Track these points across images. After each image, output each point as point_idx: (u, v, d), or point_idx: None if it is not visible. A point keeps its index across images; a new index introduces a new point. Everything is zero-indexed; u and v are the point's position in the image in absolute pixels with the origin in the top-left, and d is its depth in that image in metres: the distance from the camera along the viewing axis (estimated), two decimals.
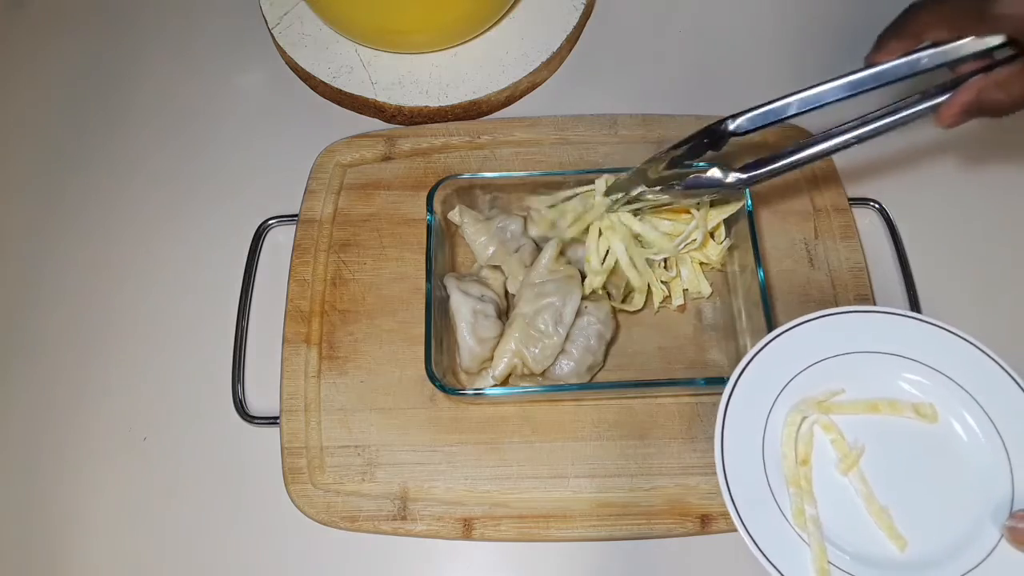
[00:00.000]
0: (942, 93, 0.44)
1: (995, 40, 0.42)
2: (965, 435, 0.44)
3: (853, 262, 0.59)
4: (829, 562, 0.40)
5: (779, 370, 0.45)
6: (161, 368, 0.60)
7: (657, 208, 0.54)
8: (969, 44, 0.43)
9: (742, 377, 0.45)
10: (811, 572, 0.40)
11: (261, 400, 0.58)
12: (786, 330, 0.46)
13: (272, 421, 0.56)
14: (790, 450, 0.43)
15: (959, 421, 0.44)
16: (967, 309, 0.59)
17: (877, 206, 0.62)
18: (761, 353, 0.45)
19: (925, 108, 0.44)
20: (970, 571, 0.40)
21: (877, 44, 0.46)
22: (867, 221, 0.62)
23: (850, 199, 0.61)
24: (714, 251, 0.56)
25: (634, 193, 0.51)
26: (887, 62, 0.45)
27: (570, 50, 0.72)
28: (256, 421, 0.56)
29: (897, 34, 0.45)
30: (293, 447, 0.54)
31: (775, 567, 0.40)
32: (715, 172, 0.48)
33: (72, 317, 0.62)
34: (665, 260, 0.56)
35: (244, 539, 0.55)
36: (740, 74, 0.71)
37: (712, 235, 0.57)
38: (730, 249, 0.57)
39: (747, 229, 0.54)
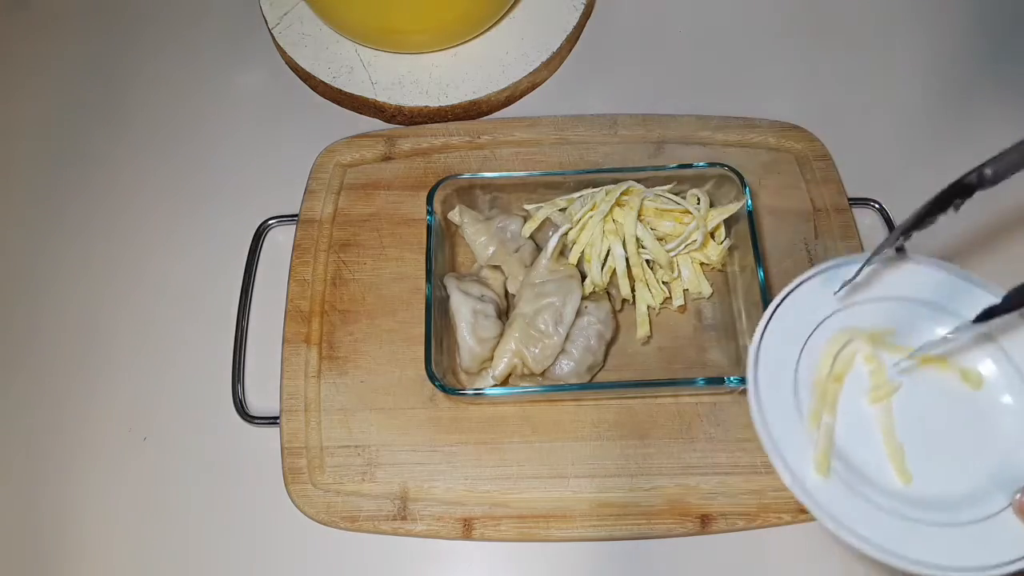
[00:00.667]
0: None
1: None
2: (1000, 406, 0.43)
3: None
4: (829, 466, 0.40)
5: (815, 309, 0.45)
6: (161, 368, 0.60)
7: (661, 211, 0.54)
8: None
9: (807, 282, 0.44)
10: (809, 464, 0.40)
11: (261, 400, 0.58)
12: (866, 261, 0.45)
13: (272, 421, 0.56)
14: (826, 364, 0.43)
15: (998, 392, 0.44)
16: None
17: (877, 206, 0.62)
18: (832, 270, 0.45)
19: None
20: (961, 525, 0.40)
21: None
22: (867, 221, 0.62)
23: (850, 199, 0.61)
24: (714, 251, 0.56)
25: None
26: None
27: (570, 50, 0.72)
28: (256, 421, 0.56)
29: None
30: (293, 447, 0.54)
31: (775, 444, 0.40)
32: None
33: (72, 317, 0.62)
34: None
35: (244, 539, 0.55)
36: (741, 74, 0.71)
37: (712, 235, 0.57)
38: (730, 249, 0.57)
39: (747, 229, 0.54)
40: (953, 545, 0.39)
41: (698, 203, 0.55)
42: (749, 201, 0.54)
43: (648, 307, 0.56)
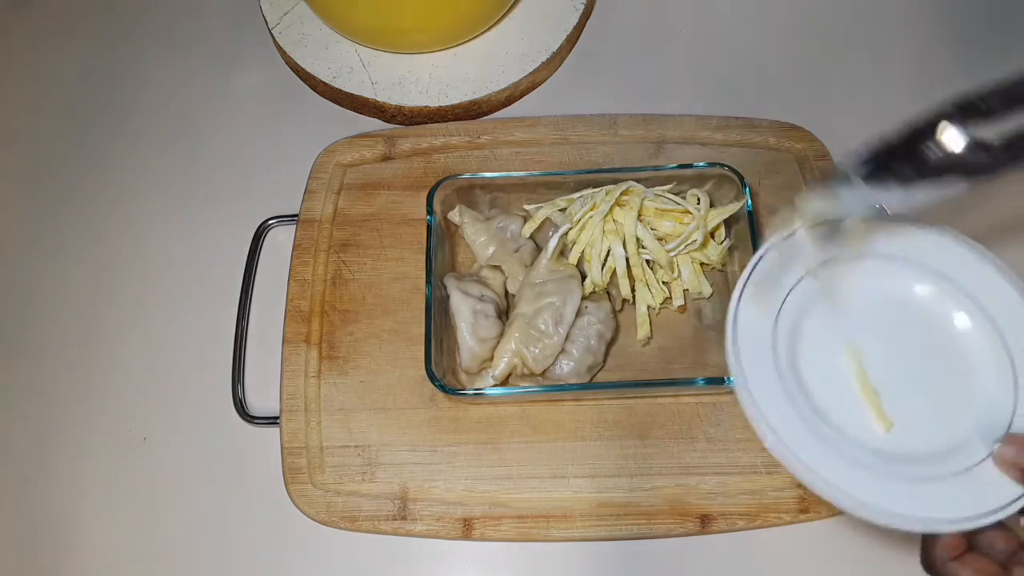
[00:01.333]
0: None
1: None
2: (974, 357, 0.44)
3: None
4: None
5: (792, 267, 0.45)
6: (161, 368, 0.60)
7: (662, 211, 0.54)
8: None
9: (756, 267, 0.44)
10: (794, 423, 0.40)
11: (261, 400, 0.58)
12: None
13: (272, 421, 0.56)
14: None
15: (972, 344, 0.44)
16: None
17: (877, 206, 0.62)
18: (770, 252, 0.45)
19: None
20: (943, 477, 0.40)
21: None
22: None
23: None
24: (714, 251, 0.56)
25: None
26: None
27: (570, 50, 0.72)
28: (256, 421, 0.56)
29: None
30: (293, 447, 0.54)
31: (760, 411, 0.40)
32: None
33: (72, 317, 0.62)
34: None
35: (244, 539, 0.55)
36: (741, 73, 0.70)
37: (712, 235, 0.57)
38: (730, 249, 0.57)
39: (747, 229, 0.54)
40: (936, 497, 0.39)
41: (698, 203, 0.55)
42: (749, 201, 0.54)
43: (648, 307, 0.56)
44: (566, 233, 0.55)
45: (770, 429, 0.40)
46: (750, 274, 0.44)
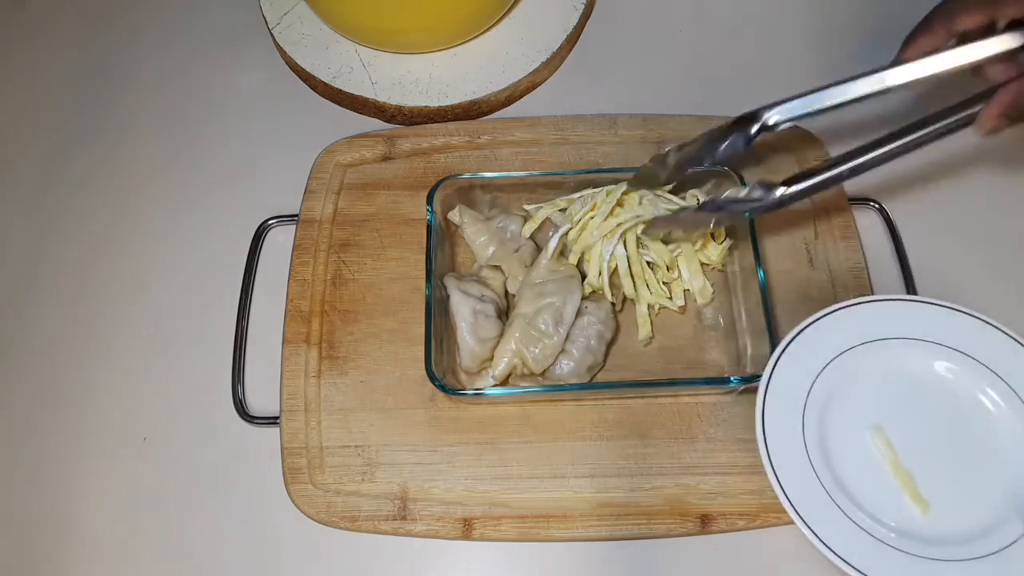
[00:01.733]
0: (977, 102, 0.44)
1: (1019, 41, 0.42)
2: (1003, 423, 0.44)
3: (853, 262, 0.59)
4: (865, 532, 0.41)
5: (810, 361, 0.46)
6: (161, 368, 0.60)
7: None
8: (996, 43, 0.42)
9: (777, 366, 0.45)
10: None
11: (261, 400, 0.58)
12: (815, 320, 0.47)
13: (272, 421, 0.56)
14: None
15: (997, 409, 0.44)
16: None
17: (877, 206, 0.62)
18: (790, 346, 0.46)
19: (962, 117, 0.44)
20: (983, 557, 0.40)
21: (906, 42, 0.46)
22: (867, 221, 0.62)
23: (850, 199, 0.61)
24: (714, 251, 0.56)
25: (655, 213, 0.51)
26: (916, 59, 0.44)
27: (570, 50, 0.72)
28: (256, 421, 0.56)
29: (925, 30, 0.45)
30: (293, 447, 0.54)
31: (794, 507, 0.41)
32: (756, 190, 0.47)
33: (72, 317, 0.62)
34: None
35: (244, 539, 0.54)
36: (741, 73, 0.70)
37: (712, 235, 0.57)
38: (730, 249, 0.57)
39: (747, 229, 0.54)
40: None
41: (698, 203, 0.55)
42: None
43: (648, 307, 0.56)
44: (566, 233, 0.55)
45: (815, 536, 0.40)
46: (768, 382, 0.45)
